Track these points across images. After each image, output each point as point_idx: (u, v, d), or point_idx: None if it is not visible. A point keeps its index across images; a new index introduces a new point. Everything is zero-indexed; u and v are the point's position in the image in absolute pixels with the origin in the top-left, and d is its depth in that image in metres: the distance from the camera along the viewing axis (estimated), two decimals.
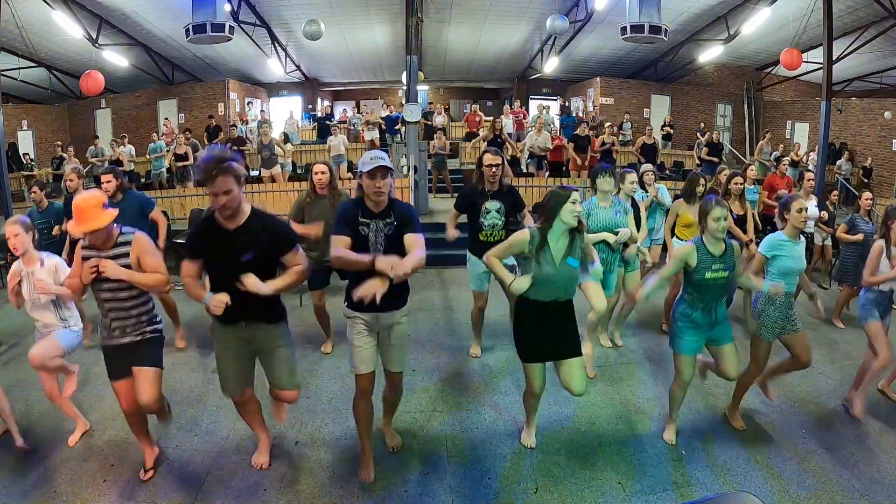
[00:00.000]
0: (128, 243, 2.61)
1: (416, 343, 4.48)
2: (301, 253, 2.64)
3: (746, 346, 3.35)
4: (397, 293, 2.67)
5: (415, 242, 2.64)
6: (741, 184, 4.77)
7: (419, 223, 2.77)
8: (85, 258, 2.61)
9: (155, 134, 11.80)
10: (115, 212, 2.58)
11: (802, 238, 3.30)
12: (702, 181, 4.61)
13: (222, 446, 3.15)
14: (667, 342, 4.58)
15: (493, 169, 3.80)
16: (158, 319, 2.82)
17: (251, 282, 2.44)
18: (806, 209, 3.17)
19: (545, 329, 2.80)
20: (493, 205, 3.87)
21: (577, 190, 2.76)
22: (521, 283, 2.72)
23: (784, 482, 2.85)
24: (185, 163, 10.15)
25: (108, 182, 4.29)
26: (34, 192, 5.17)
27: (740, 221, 4.77)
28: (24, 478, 2.87)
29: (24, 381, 3.98)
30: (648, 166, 5.51)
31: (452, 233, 4.07)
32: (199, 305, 2.55)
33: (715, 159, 10.51)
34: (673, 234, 4.71)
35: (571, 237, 2.74)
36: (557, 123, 13.08)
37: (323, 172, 4.13)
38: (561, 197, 2.71)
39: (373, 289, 2.42)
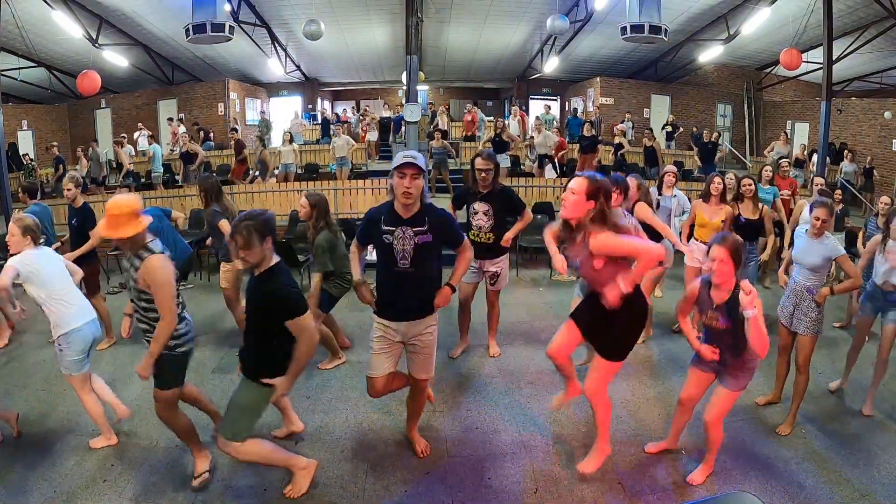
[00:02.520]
0: (142, 259, 2.52)
1: None
2: (303, 323, 2.39)
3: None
4: (424, 303, 2.68)
5: (460, 260, 2.77)
6: (751, 185, 4.70)
7: (459, 231, 2.74)
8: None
9: (151, 138, 11.86)
10: (147, 220, 2.53)
11: (829, 242, 3.30)
12: (716, 180, 4.54)
13: None
14: (671, 344, 4.63)
15: (483, 174, 3.81)
16: (181, 334, 2.67)
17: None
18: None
19: (593, 310, 2.66)
20: (481, 206, 3.88)
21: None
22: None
23: (784, 482, 2.85)
24: (192, 165, 10.26)
25: None
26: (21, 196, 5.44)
27: (753, 226, 4.65)
28: (24, 478, 2.87)
29: (25, 381, 3.98)
30: (672, 168, 5.28)
31: None
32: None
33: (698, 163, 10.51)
34: (691, 235, 4.72)
35: None
36: (558, 123, 13.09)
37: (303, 206, 3.86)
38: None
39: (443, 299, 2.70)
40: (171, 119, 14.01)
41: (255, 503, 2.70)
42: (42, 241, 3.22)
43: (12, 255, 3.06)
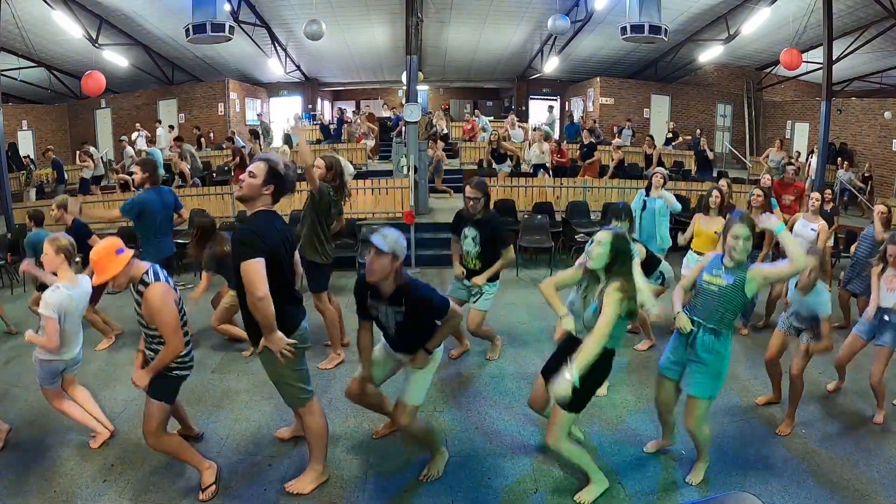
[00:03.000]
0: (142, 293, 2.55)
1: None
2: (246, 268, 2.38)
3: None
4: (407, 342, 2.69)
5: (441, 327, 2.66)
6: (761, 196, 4.61)
7: (441, 307, 2.59)
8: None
9: (151, 142, 11.90)
10: (127, 256, 2.53)
11: (819, 299, 3.24)
12: (714, 193, 4.47)
13: (222, 446, 3.15)
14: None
15: (472, 202, 3.87)
16: (182, 360, 2.69)
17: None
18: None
19: (559, 358, 2.69)
20: (470, 231, 3.93)
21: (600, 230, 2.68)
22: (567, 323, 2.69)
23: (784, 482, 2.85)
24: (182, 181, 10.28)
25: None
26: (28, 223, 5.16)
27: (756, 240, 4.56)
28: (24, 478, 2.87)
29: (24, 381, 3.98)
30: (660, 169, 5.22)
31: (459, 269, 4.06)
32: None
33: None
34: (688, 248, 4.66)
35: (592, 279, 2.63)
36: (558, 131, 13.11)
37: (318, 167, 4.00)
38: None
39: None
40: (164, 123, 13.93)
41: (254, 503, 2.70)
42: (78, 260, 3.23)
43: (52, 272, 3.09)
